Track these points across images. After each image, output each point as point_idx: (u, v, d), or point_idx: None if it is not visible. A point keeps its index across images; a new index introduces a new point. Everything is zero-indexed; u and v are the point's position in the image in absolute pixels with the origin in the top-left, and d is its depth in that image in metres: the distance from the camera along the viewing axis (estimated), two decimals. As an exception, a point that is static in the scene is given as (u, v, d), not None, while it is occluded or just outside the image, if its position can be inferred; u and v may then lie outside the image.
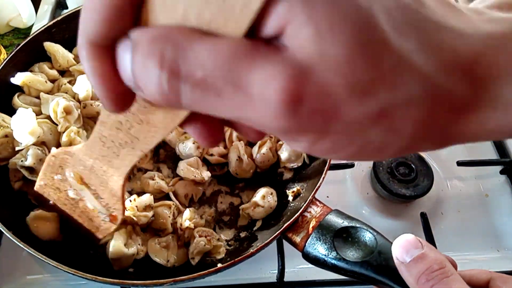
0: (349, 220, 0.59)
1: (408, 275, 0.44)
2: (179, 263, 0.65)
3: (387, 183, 0.79)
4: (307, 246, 0.59)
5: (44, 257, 0.57)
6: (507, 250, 0.79)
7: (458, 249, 0.79)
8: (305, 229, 0.61)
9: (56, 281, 0.72)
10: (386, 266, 0.52)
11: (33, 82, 0.73)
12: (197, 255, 0.63)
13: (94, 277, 0.57)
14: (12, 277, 0.72)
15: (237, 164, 0.73)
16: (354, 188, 0.84)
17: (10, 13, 1.01)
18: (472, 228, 0.81)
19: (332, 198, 0.83)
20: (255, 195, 0.70)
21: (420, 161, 0.82)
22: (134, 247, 0.63)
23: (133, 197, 0.65)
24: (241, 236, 0.70)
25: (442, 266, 0.43)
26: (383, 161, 0.81)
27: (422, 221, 0.77)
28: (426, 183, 0.79)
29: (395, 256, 0.46)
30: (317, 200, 0.64)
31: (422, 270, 0.43)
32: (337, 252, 0.56)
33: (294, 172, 0.76)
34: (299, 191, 0.70)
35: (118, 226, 0.50)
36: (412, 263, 0.44)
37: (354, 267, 0.54)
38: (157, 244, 0.65)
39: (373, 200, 0.83)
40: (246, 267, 0.74)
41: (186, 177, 0.70)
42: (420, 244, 0.45)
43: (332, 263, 0.56)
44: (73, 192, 0.48)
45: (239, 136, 0.75)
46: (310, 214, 0.62)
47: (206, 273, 0.59)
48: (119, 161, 0.39)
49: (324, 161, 0.68)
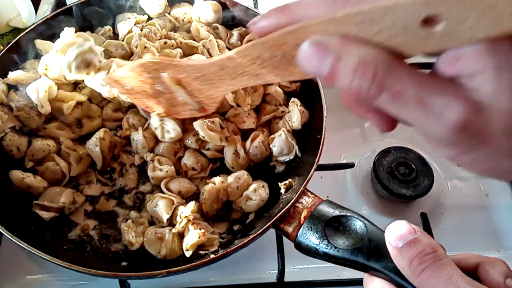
0: (340, 210, 0.60)
1: (400, 258, 0.45)
2: (170, 256, 0.65)
3: (387, 183, 0.79)
4: (299, 236, 0.59)
5: (43, 254, 0.57)
6: (507, 250, 0.79)
7: (458, 249, 0.78)
8: (297, 219, 0.61)
9: (56, 281, 0.72)
10: (376, 253, 0.52)
11: (26, 79, 0.73)
12: (191, 247, 0.64)
13: (88, 270, 0.57)
14: (12, 277, 0.72)
15: (233, 158, 0.73)
16: (354, 188, 0.84)
17: (10, 13, 1.01)
18: (472, 228, 0.81)
19: (332, 198, 0.82)
20: (247, 189, 0.71)
21: (420, 161, 0.82)
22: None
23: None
24: (234, 229, 0.69)
25: (435, 250, 0.43)
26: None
27: (422, 221, 0.77)
28: (426, 183, 0.79)
29: (388, 241, 0.47)
30: (308, 191, 0.65)
31: (415, 254, 0.43)
32: (329, 241, 0.56)
33: (286, 165, 0.77)
34: (291, 184, 0.70)
35: None
36: (405, 247, 0.44)
37: (345, 254, 0.54)
38: (153, 234, 0.66)
39: (373, 200, 0.83)
40: (246, 267, 0.74)
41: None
42: (413, 230, 0.46)
43: (324, 252, 0.56)
44: (160, 86, 0.61)
45: (234, 130, 0.76)
46: (302, 204, 0.63)
47: (199, 264, 0.59)
48: (224, 85, 0.51)
49: (314, 154, 0.69)
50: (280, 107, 0.78)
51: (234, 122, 0.77)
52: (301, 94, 0.81)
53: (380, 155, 0.82)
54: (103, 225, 0.70)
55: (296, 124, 0.75)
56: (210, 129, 0.71)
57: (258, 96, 0.78)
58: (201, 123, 0.70)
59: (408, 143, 0.89)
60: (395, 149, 0.83)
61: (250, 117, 0.76)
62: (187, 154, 0.74)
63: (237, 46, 0.86)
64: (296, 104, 0.76)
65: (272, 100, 0.79)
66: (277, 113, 0.78)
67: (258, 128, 0.78)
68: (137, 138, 0.73)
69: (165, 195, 0.68)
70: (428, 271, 0.42)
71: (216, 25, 0.86)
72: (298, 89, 0.82)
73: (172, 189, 0.70)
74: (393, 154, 0.82)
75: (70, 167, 0.71)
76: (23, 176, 0.67)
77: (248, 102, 0.76)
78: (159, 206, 0.67)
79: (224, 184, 0.70)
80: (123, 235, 0.66)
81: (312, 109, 0.77)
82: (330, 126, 0.85)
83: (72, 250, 0.66)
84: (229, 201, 0.72)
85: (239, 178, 0.71)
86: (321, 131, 0.71)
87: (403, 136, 0.92)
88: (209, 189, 0.68)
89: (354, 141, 0.91)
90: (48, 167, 0.69)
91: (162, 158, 0.72)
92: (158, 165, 0.71)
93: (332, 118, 0.87)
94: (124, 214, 0.71)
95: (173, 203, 0.67)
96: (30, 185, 0.67)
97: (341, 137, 0.91)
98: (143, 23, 0.84)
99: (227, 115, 0.77)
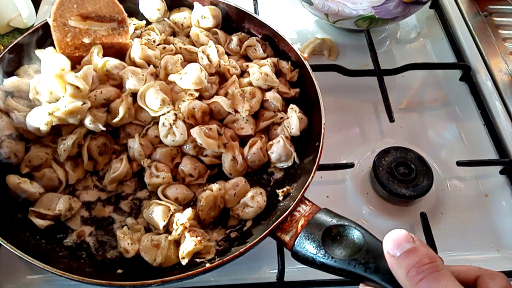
0: (337, 219, 0.59)
1: (398, 267, 0.44)
2: (166, 264, 0.65)
3: (387, 183, 0.79)
4: (296, 245, 0.59)
5: (37, 262, 0.57)
6: (507, 250, 0.79)
7: (458, 249, 0.79)
8: (294, 228, 0.60)
9: (56, 281, 0.72)
10: (374, 264, 0.52)
11: (21, 85, 0.73)
12: (187, 255, 0.63)
13: (82, 278, 0.57)
14: (12, 277, 0.72)
15: (231, 165, 0.73)
16: (354, 188, 0.84)
17: (11, 13, 1.01)
18: (472, 228, 0.81)
19: (332, 198, 0.83)
20: (244, 196, 0.71)
21: (420, 161, 0.82)
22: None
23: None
24: (231, 237, 0.69)
25: (433, 260, 0.43)
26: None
27: (422, 221, 0.77)
28: (426, 183, 0.79)
29: (386, 250, 0.46)
30: (306, 199, 0.64)
31: (413, 263, 0.43)
32: (326, 251, 0.56)
33: (284, 172, 0.76)
34: (288, 191, 0.70)
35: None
36: (403, 256, 0.44)
37: (342, 265, 0.54)
38: (149, 241, 0.65)
39: (373, 200, 0.83)
40: (246, 267, 0.74)
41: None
42: (412, 239, 0.45)
43: (321, 262, 0.56)
44: (87, 38, 0.73)
45: (232, 136, 0.76)
46: (299, 213, 0.62)
47: (194, 273, 0.59)
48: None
49: (313, 161, 0.69)
50: (278, 113, 0.78)
51: (232, 128, 0.76)
52: (300, 100, 0.81)
53: (380, 155, 0.82)
54: (99, 232, 0.69)
55: (294, 130, 0.75)
56: (207, 136, 0.71)
57: (257, 102, 0.77)
58: (198, 130, 0.70)
59: (407, 143, 0.89)
60: (395, 149, 0.83)
61: (249, 123, 0.76)
62: (184, 161, 0.73)
63: (236, 51, 0.86)
64: (294, 110, 0.76)
65: (270, 106, 0.79)
66: (275, 119, 0.78)
67: (257, 134, 0.78)
68: (133, 145, 0.72)
69: (161, 202, 0.68)
70: (425, 281, 0.42)
71: (215, 30, 0.86)
72: (297, 95, 0.81)
73: (169, 196, 0.69)
74: (392, 154, 0.82)
75: (68, 174, 0.70)
76: (20, 181, 0.67)
77: (247, 108, 0.75)
78: (155, 212, 0.67)
79: (221, 191, 0.70)
80: (119, 242, 0.66)
81: (311, 115, 0.77)
82: (330, 126, 0.86)
83: (67, 257, 0.65)
84: (226, 208, 0.72)
85: (236, 185, 0.71)
86: (320, 138, 0.70)
87: (402, 136, 0.92)
88: (206, 196, 0.68)
89: (354, 141, 0.91)
90: (45, 174, 0.69)
91: (159, 164, 0.72)
92: (155, 172, 0.71)
93: (332, 118, 0.88)
94: (121, 221, 0.71)
95: (170, 210, 0.67)
96: (26, 191, 0.67)
97: (341, 137, 0.91)
98: (141, 28, 0.83)
99: (225, 121, 0.76)
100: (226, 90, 0.78)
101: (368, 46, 1.00)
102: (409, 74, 0.99)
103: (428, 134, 0.94)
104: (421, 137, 0.93)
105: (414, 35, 1.14)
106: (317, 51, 1.04)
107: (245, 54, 0.86)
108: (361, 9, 0.91)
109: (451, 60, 1.07)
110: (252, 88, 0.78)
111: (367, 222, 0.80)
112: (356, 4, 0.90)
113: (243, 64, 0.83)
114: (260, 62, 0.82)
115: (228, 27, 0.88)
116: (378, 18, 0.94)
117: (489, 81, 1.00)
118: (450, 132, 0.95)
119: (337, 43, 1.06)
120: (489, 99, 0.97)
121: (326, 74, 0.93)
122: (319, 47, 1.04)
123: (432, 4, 1.17)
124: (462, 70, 1.02)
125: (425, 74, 1.04)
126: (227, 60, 0.81)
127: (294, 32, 1.10)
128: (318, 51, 1.05)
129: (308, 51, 1.03)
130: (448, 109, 0.99)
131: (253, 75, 0.78)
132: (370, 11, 0.92)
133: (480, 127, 0.96)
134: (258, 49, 0.84)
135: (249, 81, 0.79)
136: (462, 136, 0.94)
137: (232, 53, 0.86)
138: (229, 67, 0.80)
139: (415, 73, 1.01)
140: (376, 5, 0.90)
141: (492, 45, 1.08)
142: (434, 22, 1.16)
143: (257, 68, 0.79)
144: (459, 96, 1.01)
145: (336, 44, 1.06)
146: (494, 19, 1.15)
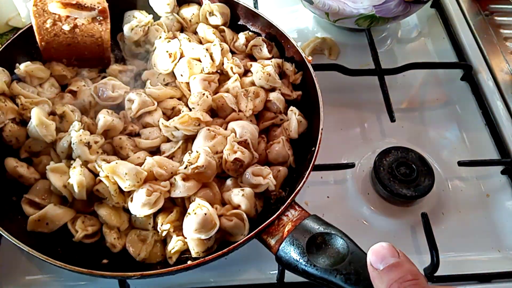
0: (325, 226, 0.58)
1: (379, 281, 0.44)
2: (149, 260, 0.65)
3: (388, 183, 0.79)
4: (280, 250, 0.58)
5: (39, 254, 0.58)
6: (508, 250, 0.79)
7: (459, 250, 0.78)
8: (281, 232, 0.60)
9: (55, 282, 0.72)
10: (354, 276, 0.51)
11: (34, 70, 0.74)
12: (174, 254, 0.63)
13: (64, 265, 0.57)
14: (12, 277, 0.72)
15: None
16: (354, 188, 0.84)
17: (9, 13, 1.01)
18: (473, 228, 0.81)
19: (332, 198, 0.83)
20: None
21: (421, 161, 0.81)
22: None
23: None
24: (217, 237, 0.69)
25: (416, 277, 0.42)
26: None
27: (423, 222, 0.76)
28: (427, 183, 0.79)
29: (369, 262, 0.45)
30: (296, 204, 0.63)
31: (395, 278, 0.42)
32: (308, 258, 0.55)
33: None
34: (281, 194, 0.69)
35: None
36: (386, 270, 0.43)
37: (324, 274, 0.53)
38: (135, 236, 0.66)
39: (374, 200, 0.82)
40: (246, 267, 0.74)
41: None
42: (397, 253, 0.45)
43: (303, 269, 0.55)
44: (66, 25, 0.74)
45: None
46: (287, 217, 0.61)
47: (175, 269, 0.59)
48: None
49: (307, 166, 0.67)
50: (279, 115, 0.78)
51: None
52: (301, 103, 0.81)
53: (381, 155, 0.82)
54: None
55: (292, 133, 0.75)
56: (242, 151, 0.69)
57: (261, 102, 0.77)
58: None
59: (408, 143, 0.88)
60: (396, 149, 0.83)
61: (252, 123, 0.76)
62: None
63: (241, 50, 0.86)
64: (294, 112, 0.76)
65: (273, 107, 0.78)
66: (275, 121, 0.77)
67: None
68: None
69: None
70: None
71: (222, 28, 0.86)
72: (299, 98, 0.81)
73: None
74: (393, 154, 0.82)
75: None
76: (17, 164, 0.67)
77: (250, 107, 0.75)
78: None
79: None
80: (105, 237, 0.66)
81: (311, 119, 0.76)
82: (330, 126, 0.85)
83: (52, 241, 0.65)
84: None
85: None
86: (316, 143, 0.69)
87: (403, 136, 0.92)
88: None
89: (354, 141, 0.91)
90: (41, 161, 0.70)
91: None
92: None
93: (332, 118, 0.87)
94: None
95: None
96: (22, 175, 0.67)
97: (342, 137, 0.91)
98: (148, 25, 0.83)
99: (227, 119, 0.76)
100: (227, 88, 0.78)
101: (369, 45, 1.00)
102: (410, 73, 0.99)
103: (429, 134, 0.94)
104: (422, 137, 0.93)
105: (415, 34, 1.13)
106: (317, 50, 1.04)
107: (251, 53, 0.85)
108: (361, 8, 0.91)
109: (452, 60, 1.06)
110: (256, 88, 0.78)
111: (368, 222, 0.80)
112: (356, 3, 0.90)
113: (247, 63, 0.82)
114: (264, 62, 0.82)
115: (235, 25, 0.88)
116: (379, 17, 0.93)
117: (490, 80, 1.00)
118: (451, 132, 0.94)
119: (337, 42, 1.05)
120: (491, 98, 0.97)
121: (326, 73, 0.92)
122: (319, 46, 1.04)
123: (433, 3, 1.16)
124: (463, 70, 1.02)
125: (426, 73, 1.04)
126: (230, 58, 0.80)
127: (294, 31, 1.10)
128: (319, 50, 1.04)
129: (308, 50, 1.02)
130: (449, 109, 0.98)
131: (256, 74, 0.78)
132: (371, 10, 0.91)
133: (482, 127, 0.95)
134: (263, 49, 0.83)
135: (251, 81, 0.79)
136: (464, 136, 0.94)
137: (237, 51, 0.86)
138: (232, 65, 0.79)
139: (416, 73, 1.00)
140: (377, 4, 0.89)
141: (494, 45, 1.08)
142: (435, 21, 1.15)
143: (260, 67, 0.79)
144: (460, 96, 1.00)
145: (337, 43, 1.05)
146: (496, 18, 1.15)
